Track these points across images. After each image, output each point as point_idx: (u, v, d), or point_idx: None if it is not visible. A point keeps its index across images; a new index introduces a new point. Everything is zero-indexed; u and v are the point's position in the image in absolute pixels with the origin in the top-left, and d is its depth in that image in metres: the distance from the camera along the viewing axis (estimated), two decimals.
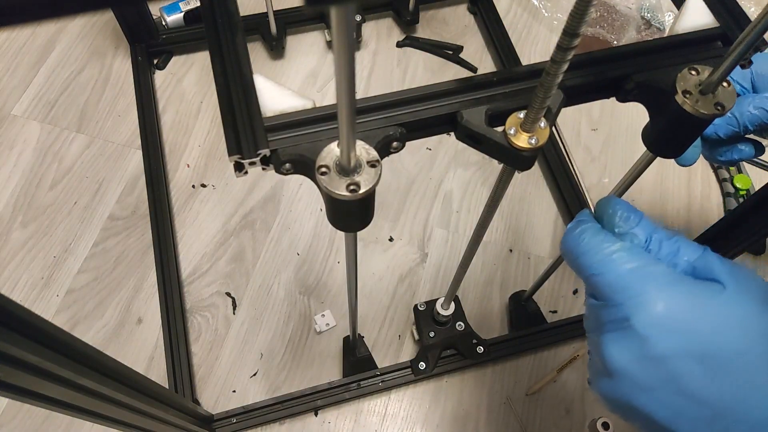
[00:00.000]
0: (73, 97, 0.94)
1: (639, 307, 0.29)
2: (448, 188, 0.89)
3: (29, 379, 0.29)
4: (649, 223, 0.32)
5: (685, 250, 0.31)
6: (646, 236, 0.32)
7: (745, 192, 0.89)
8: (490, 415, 0.74)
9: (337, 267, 0.82)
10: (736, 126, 0.50)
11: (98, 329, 0.77)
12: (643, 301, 0.29)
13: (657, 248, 0.32)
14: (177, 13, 0.98)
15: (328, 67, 0.99)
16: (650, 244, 0.32)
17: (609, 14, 1.03)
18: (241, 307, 0.79)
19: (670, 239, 0.32)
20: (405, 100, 0.38)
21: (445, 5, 1.08)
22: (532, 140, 0.35)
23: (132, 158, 0.89)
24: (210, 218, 0.85)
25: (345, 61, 0.24)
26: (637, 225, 0.32)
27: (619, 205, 0.33)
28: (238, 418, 0.70)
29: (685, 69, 0.38)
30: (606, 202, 0.34)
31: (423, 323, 0.73)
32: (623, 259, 0.30)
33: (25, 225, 0.83)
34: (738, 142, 0.53)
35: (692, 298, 0.29)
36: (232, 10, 0.40)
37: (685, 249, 0.31)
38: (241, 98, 0.37)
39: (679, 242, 0.32)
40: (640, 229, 0.32)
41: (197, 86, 0.97)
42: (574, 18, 0.27)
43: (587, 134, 0.96)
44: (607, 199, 0.34)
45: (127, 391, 0.40)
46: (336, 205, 0.34)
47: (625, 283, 0.30)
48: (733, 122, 0.50)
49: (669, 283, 0.29)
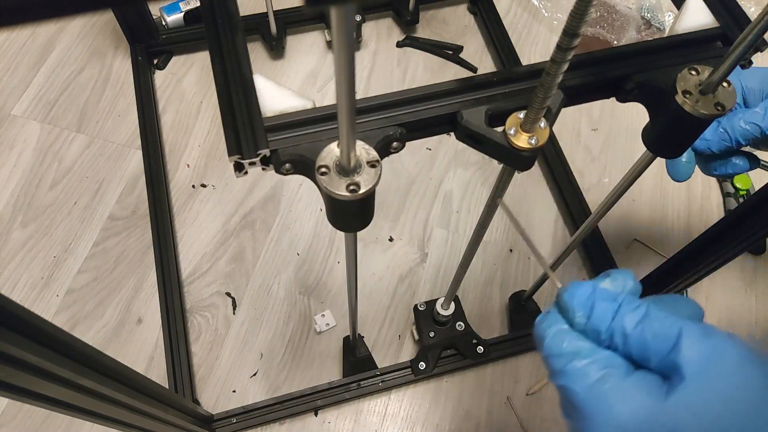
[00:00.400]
0: (73, 97, 0.94)
1: (594, 425, 0.29)
2: (448, 188, 0.89)
3: (29, 379, 0.29)
4: (604, 310, 0.30)
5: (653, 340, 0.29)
6: (604, 331, 0.30)
7: (745, 192, 0.89)
8: (490, 414, 0.74)
9: (337, 267, 0.82)
10: (728, 141, 0.50)
11: (98, 329, 0.77)
12: (597, 422, 0.29)
13: (621, 341, 0.29)
14: (177, 13, 0.98)
15: (328, 67, 0.99)
16: (613, 337, 0.30)
17: (609, 14, 1.03)
18: (241, 307, 0.79)
19: (634, 329, 0.29)
20: (405, 100, 0.38)
21: (445, 5, 1.08)
22: (532, 140, 0.35)
23: (132, 158, 0.89)
24: (210, 218, 0.85)
25: (345, 61, 0.24)
26: (590, 319, 0.30)
27: (572, 301, 0.31)
28: (238, 418, 0.70)
29: (685, 69, 0.38)
30: (562, 296, 0.31)
31: (423, 323, 0.73)
32: (578, 373, 0.30)
33: (25, 225, 0.83)
34: (732, 156, 0.52)
35: (649, 403, 0.28)
36: (232, 10, 0.40)
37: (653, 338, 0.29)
38: (241, 98, 0.37)
39: (644, 328, 0.29)
40: (597, 321, 0.30)
41: (197, 86, 0.97)
42: (574, 18, 0.27)
43: (587, 134, 0.96)
44: (564, 292, 0.32)
45: (127, 391, 0.40)
46: (336, 205, 0.34)
47: (581, 402, 0.29)
48: (725, 137, 0.50)
49: (623, 398, 0.28)
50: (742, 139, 0.49)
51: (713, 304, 0.82)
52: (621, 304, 0.30)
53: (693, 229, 0.88)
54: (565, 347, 0.30)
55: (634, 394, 0.28)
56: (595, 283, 0.32)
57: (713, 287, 0.83)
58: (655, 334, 0.28)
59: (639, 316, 0.29)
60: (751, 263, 0.86)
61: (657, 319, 0.29)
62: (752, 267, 0.85)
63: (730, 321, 0.81)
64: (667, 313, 0.29)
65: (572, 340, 0.30)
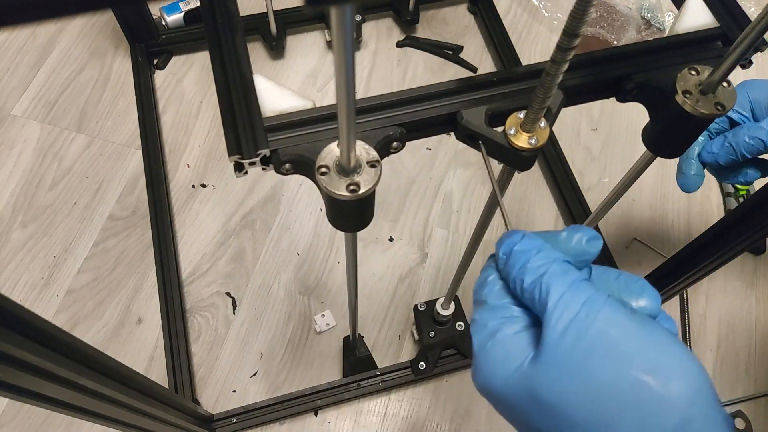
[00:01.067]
0: (73, 97, 0.94)
1: (475, 370, 0.29)
2: (448, 188, 0.89)
3: (29, 379, 0.29)
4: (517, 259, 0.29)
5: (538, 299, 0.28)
6: (511, 281, 0.29)
7: (745, 192, 0.89)
8: (490, 414, 0.74)
9: (337, 267, 0.82)
10: (734, 155, 0.51)
11: (98, 329, 0.77)
12: (480, 379, 0.29)
13: (520, 293, 0.29)
14: (177, 13, 0.98)
15: (328, 67, 0.99)
16: (515, 289, 0.29)
17: (609, 14, 1.03)
18: (241, 307, 0.79)
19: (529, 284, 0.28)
20: (405, 100, 0.38)
21: (445, 5, 1.08)
22: (532, 140, 0.35)
23: (132, 158, 0.89)
24: (210, 218, 0.85)
25: (345, 61, 0.24)
26: (505, 266, 0.30)
27: (499, 245, 0.30)
28: (238, 418, 0.70)
29: (685, 69, 0.38)
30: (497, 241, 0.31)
31: (423, 323, 0.73)
32: (478, 324, 0.30)
33: (25, 225, 0.83)
34: (745, 166, 0.54)
35: (516, 376, 0.27)
36: (232, 10, 0.40)
37: (539, 296, 0.28)
38: (241, 98, 0.37)
39: (535, 285, 0.28)
40: (508, 270, 0.29)
41: (197, 86, 0.97)
42: (574, 18, 0.27)
43: (587, 134, 0.96)
44: (500, 237, 0.31)
45: (127, 391, 0.40)
46: (336, 205, 0.34)
47: (474, 354, 0.30)
48: (731, 151, 0.51)
49: (502, 358, 0.28)
50: (747, 153, 0.50)
51: (713, 304, 0.82)
52: (531, 258, 0.28)
53: (693, 229, 0.88)
54: (482, 294, 0.31)
55: (512, 355, 0.28)
56: (531, 233, 0.30)
57: (713, 287, 0.83)
58: (541, 293, 0.27)
59: (540, 271, 0.28)
60: (751, 263, 0.86)
61: (553, 275, 0.27)
62: (752, 267, 0.85)
63: (730, 321, 0.81)
64: (567, 273, 0.28)
65: (490, 289, 0.30)
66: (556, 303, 0.26)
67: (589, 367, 0.25)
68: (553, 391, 0.26)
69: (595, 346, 0.25)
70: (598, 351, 0.25)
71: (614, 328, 0.26)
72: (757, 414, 0.75)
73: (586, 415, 0.25)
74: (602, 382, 0.25)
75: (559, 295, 0.27)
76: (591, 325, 0.26)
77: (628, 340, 0.25)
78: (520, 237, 0.30)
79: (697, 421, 0.24)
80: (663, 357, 0.25)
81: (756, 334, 0.81)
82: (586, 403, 0.25)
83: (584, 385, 0.25)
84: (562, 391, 0.26)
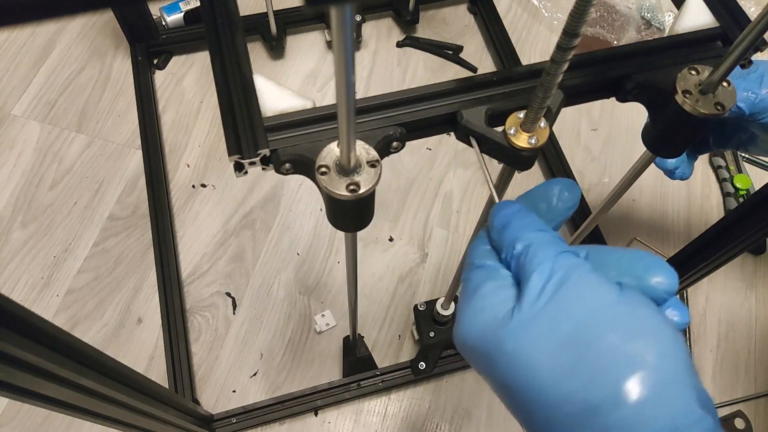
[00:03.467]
0: (73, 97, 0.94)
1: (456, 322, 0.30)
2: (448, 188, 0.89)
3: (29, 379, 0.29)
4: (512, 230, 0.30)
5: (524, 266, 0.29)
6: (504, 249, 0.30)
7: (745, 192, 0.89)
8: (490, 414, 0.74)
9: (337, 267, 0.82)
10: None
11: (98, 329, 0.77)
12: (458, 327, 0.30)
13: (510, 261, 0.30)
14: (177, 13, 0.98)
15: (328, 67, 0.99)
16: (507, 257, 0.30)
17: (609, 14, 1.03)
18: (241, 307, 0.79)
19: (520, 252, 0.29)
20: (405, 100, 0.38)
21: (445, 5, 1.08)
22: (532, 140, 0.35)
23: (132, 158, 0.89)
24: (210, 218, 0.85)
25: (345, 61, 0.24)
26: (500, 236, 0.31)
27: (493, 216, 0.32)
28: (238, 418, 0.70)
29: (685, 69, 0.38)
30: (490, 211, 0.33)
31: (423, 323, 0.73)
32: (468, 279, 0.31)
33: (25, 225, 0.83)
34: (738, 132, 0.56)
35: (493, 326, 0.28)
36: (232, 10, 0.40)
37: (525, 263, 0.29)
38: (241, 98, 0.37)
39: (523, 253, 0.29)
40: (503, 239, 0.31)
41: (197, 86, 0.97)
42: (574, 18, 0.27)
43: (587, 134, 0.96)
44: (493, 207, 0.32)
45: (127, 391, 0.40)
46: (336, 205, 0.34)
47: (458, 306, 0.31)
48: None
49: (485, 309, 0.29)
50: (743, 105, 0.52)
51: (713, 304, 0.82)
52: (524, 230, 0.30)
53: (693, 229, 0.88)
54: (472, 255, 0.32)
55: (491, 307, 0.29)
56: (524, 201, 0.32)
57: (713, 287, 0.83)
58: (527, 257, 0.29)
59: (529, 242, 0.29)
60: (751, 263, 0.86)
61: (541, 245, 0.29)
62: (752, 267, 0.85)
63: (730, 321, 0.81)
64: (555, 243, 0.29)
65: (479, 252, 0.32)
66: (540, 265, 0.28)
67: (557, 323, 0.26)
68: (522, 343, 0.27)
69: (566, 307, 0.26)
70: (568, 310, 0.26)
71: (591, 293, 0.27)
72: (757, 414, 0.75)
73: (548, 363, 0.26)
74: (564, 333, 0.26)
75: (544, 258, 0.28)
76: (568, 290, 0.27)
77: (601, 304, 0.26)
78: (517, 209, 0.31)
79: (659, 378, 0.24)
80: (634, 320, 0.26)
81: (756, 334, 0.81)
82: (549, 351, 0.26)
83: (549, 335, 0.26)
84: (530, 342, 0.26)
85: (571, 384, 0.25)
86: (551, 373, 0.26)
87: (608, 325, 0.25)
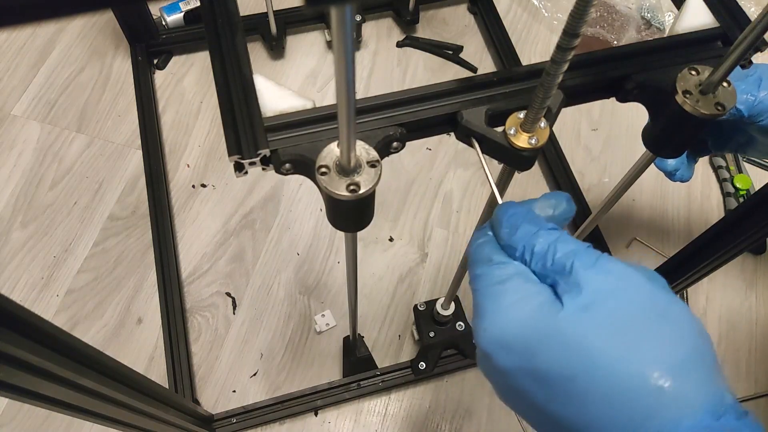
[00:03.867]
0: (73, 97, 0.94)
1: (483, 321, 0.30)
2: (448, 188, 0.89)
3: (29, 379, 0.29)
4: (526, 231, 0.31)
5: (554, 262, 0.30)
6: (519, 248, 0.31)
7: (745, 192, 0.89)
8: (491, 414, 0.74)
9: (337, 267, 0.82)
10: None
11: (98, 329, 0.77)
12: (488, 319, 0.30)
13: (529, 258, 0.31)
14: (177, 13, 0.98)
15: (328, 67, 0.99)
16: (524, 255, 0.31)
17: (609, 14, 1.03)
18: (241, 307, 0.79)
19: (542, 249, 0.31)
20: (405, 100, 0.38)
21: (445, 5, 1.08)
22: (532, 140, 0.35)
23: (132, 158, 0.89)
24: (210, 218, 0.85)
25: (345, 61, 0.24)
26: (513, 237, 0.32)
27: (502, 217, 0.33)
28: (238, 418, 0.70)
29: (685, 69, 0.38)
30: (496, 212, 0.33)
31: (423, 323, 0.73)
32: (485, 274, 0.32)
33: (25, 225, 0.83)
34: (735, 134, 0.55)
35: (535, 315, 0.29)
36: (232, 10, 0.40)
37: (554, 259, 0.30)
38: (241, 98, 0.37)
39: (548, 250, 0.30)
40: (516, 240, 0.32)
41: (197, 86, 0.97)
42: (574, 18, 0.27)
43: (587, 134, 0.96)
44: (499, 209, 0.33)
45: (127, 391, 0.40)
46: (336, 205, 0.34)
47: (480, 299, 0.31)
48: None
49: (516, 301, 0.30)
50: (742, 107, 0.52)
51: (713, 304, 0.82)
52: (541, 229, 0.31)
53: (693, 229, 0.88)
54: (484, 254, 0.33)
55: (527, 297, 0.29)
56: (528, 205, 0.34)
57: (713, 287, 0.83)
58: (555, 252, 0.30)
59: (551, 239, 0.30)
60: (751, 263, 0.86)
61: (563, 242, 0.30)
62: (752, 267, 0.85)
63: (730, 321, 0.81)
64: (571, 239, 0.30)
65: (491, 250, 0.32)
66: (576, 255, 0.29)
67: (613, 305, 0.28)
68: (585, 325, 0.28)
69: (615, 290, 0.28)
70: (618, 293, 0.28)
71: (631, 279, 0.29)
72: (757, 414, 0.75)
73: (612, 342, 0.27)
74: (622, 314, 0.28)
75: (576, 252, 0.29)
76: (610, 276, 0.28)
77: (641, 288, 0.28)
78: (524, 210, 0.33)
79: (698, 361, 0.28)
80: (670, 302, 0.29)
81: (756, 333, 0.81)
82: (612, 332, 0.27)
83: (608, 317, 0.27)
84: (593, 324, 0.27)
85: (638, 355, 0.26)
86: (617, 351, 0.27)
87: (652, 306, 0.28)
